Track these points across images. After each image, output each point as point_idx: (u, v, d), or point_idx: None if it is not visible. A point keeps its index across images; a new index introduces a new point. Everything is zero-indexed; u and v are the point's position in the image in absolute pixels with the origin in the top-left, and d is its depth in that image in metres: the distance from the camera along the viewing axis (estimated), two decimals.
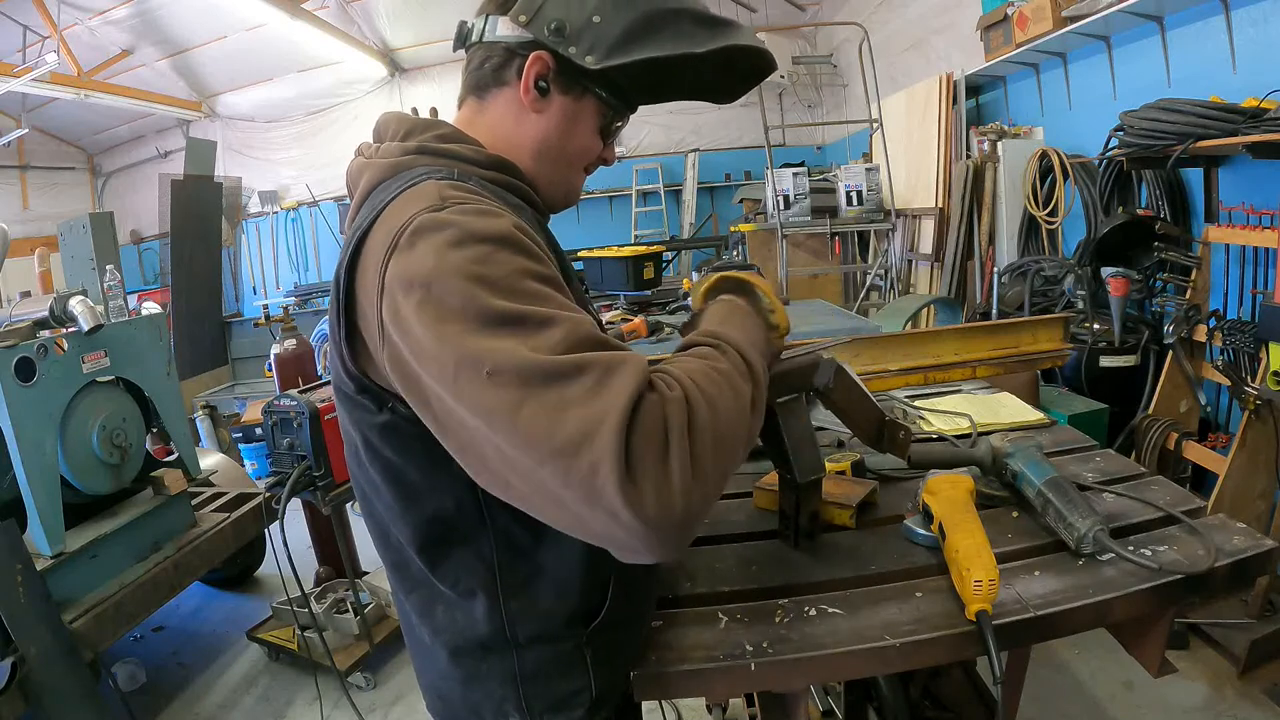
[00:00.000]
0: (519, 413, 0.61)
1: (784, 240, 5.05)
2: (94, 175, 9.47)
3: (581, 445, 0.59)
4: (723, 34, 0.86)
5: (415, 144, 0.85)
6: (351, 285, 0.75)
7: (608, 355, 0.64)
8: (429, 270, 0.66)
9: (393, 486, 0.82)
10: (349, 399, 0.81)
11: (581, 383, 0.61)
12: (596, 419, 0.59)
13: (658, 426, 0.61)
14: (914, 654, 0.91)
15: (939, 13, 5.35)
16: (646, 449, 0.60)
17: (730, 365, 0.73)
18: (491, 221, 0.71)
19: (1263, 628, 2.23)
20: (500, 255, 0.68)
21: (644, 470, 0.59)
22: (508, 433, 0.61)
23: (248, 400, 5.58)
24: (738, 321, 0.84)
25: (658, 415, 0.62)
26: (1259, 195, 2.71)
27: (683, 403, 0.64)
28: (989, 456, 1.22)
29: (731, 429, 0.67)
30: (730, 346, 0.76)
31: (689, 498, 0.61)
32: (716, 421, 0.65)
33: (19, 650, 1.95)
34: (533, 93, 0.86)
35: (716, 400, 0.67)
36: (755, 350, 0.79)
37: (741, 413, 0.70)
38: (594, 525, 0.61)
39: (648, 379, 0.64)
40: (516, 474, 0.63)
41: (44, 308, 2.32)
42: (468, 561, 0.83)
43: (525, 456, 0.61)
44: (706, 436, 0.64)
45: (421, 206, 0.72)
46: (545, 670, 0.87)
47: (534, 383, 0.61)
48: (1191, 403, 2.87)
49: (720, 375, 0.70)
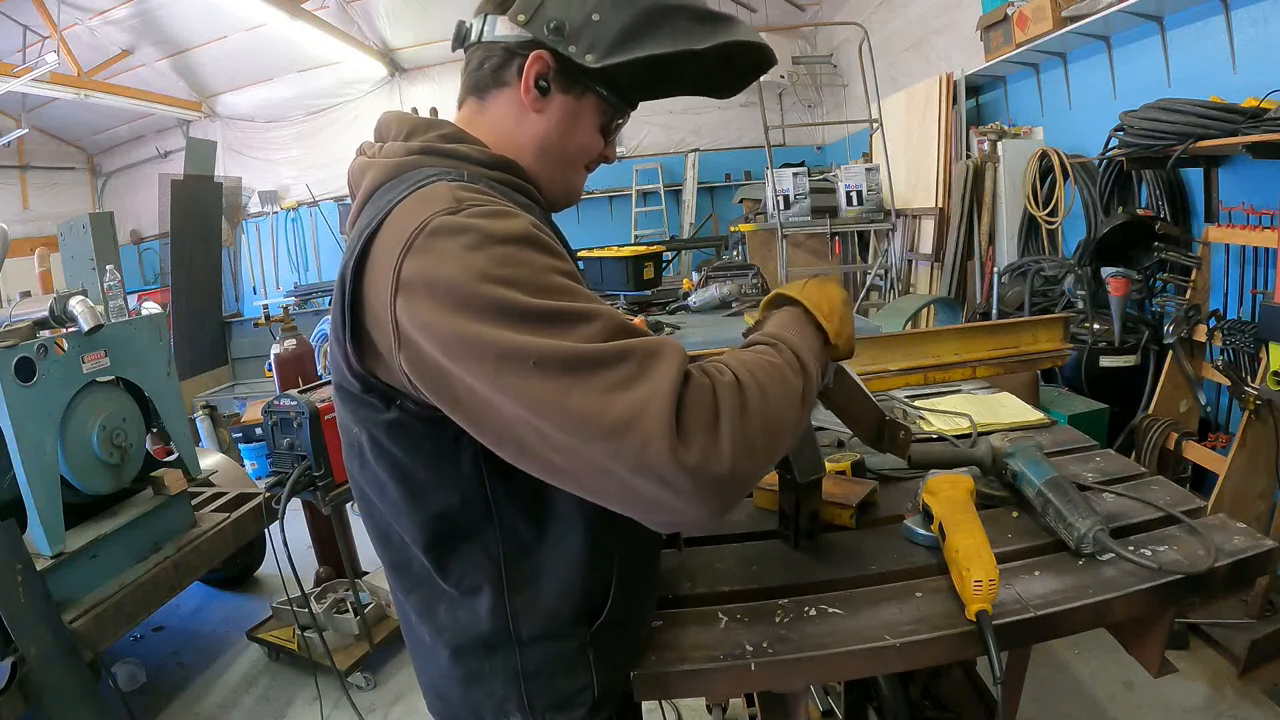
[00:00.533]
0: (567, 398, 0.63)
1: (784, 240, 5.05)
2: (94, 175, 9.47)
3: (632, 424, 0.61)
4: (722, 30, 0.86)
5: (419, 144, 0.85)
6: (359, 285, 0.74)
7: (648, 341, 0.67)
8: (453, 275, 0.67)
9: (400, 484, 0.82)
10: (354, 398, 0.81)
11: (626, 367, 0.64)
12: (645, 398, 0.62)
13: (708, 404, 0.65)
14: (914, 654, 0.91)
15: (939, 13, 5.34)
16: (696, 423, 0.63)
17: (783, 360, 0.76)
18: (510, 223, 0.71)
19: (1263, 628, 2.23)
20: (523, 255, 0.69)
21: (694, 438, 0.63)
22: (557, 418, 0.63)
23: (248, 400, 5.58)
24: (795, 327, 0.86)
25: (708, 396, 0.65)
26: (1259, 195, 2.71)
27: (734, 386, 0.67)
28: (989, 456, 1.22)
29: (779, 415, 0.70)
30: (785, 345, 0.79)
31: (736, 459, 0.64)
32: (767, 407, 0.68)
33: (19, 650, 1.95)
34: (533, 92, 0.86)
35: (768, 388, 0.70)
36: (809, 351, 0.82)
37: (791, 403, 0.73)
38: (642, 491, 0.64)
39: (687, 360, 0.67)
40: (563, 454, 0.65)
41: (44, 308, 2.32)
42: (474, 557, 0.84)
43: (574, 439, 0.63)
44: (756, 419, 0.66)
45: (437, 209, 0.71)
46: (548, 669, 0.87)
47: (581, 369, 0.63)
48: (1191, 403, 2.87)
49: (773, 367, 0.74)
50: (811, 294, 0.91)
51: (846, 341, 0.92)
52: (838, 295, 0.93)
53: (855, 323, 0.95)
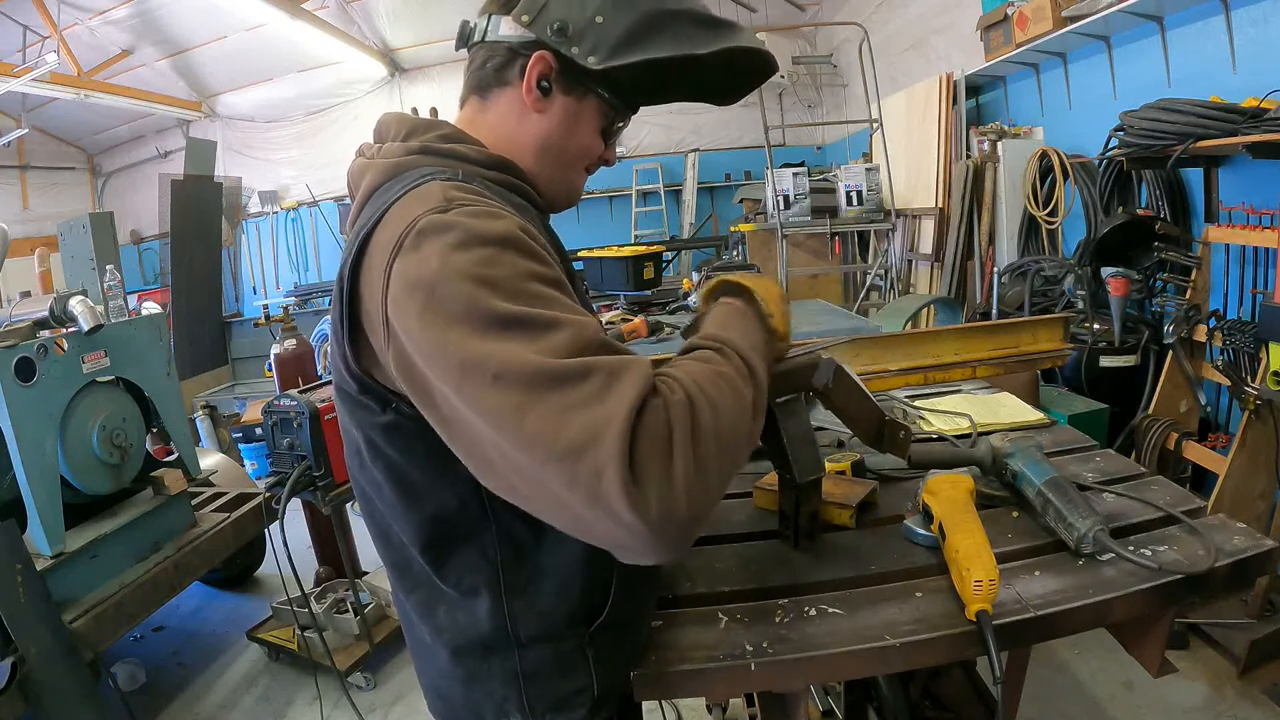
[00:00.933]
0: (524, 416, 0.61)
1: (784, 240, 5.05)
2: (94, 175, 9.47)
3: (586, 449, 0.59)
4: (724, 35, 0.86)
5: (418, 144, 0.85)
6: (355, 286, 0.75)
7: (612, 360, 0.64)
8: (433, 272, 0.66)
9: (396, 486, 0.82)
10: (351, 399, 0.81)
11: (586, 387, 0.61)
12: (601, 423, 0.59)
13: (661, 429, 0.61)
14: (914, 654, 0.91)
15: (939, 13, 5.35)
16: (650, 452, 0.60)
17: (732, 368, 0.73)
18: (495, 223, 0.71)
19: (1263, 628, 2.23)
20: (505, 257, 0.68)
21: (648, 473, 0.59)
22: (512, 436, 0.61)
23: (248, 400, 5.58)
24: (738, 325, 0.84)
25: (661, 418, 0.62)
26: (1259, 195, 2.71)
27: (686, 405, 0.64)
28: (989, 456, 1.22)
29: (734, 430, 0.67)
30: (731, 349, 0.76)
31: (692, 499, 0.61)
32: (719, 423, 0.65)
33: (19, 650, 1.95)
34: (535, 92, 0.87)
35: (718, 402, 0.67)
36: (756, 353, 0.79)
37: (743, 414, 0.70)
38: (597, 528, 0.62)
39: (651, 382, 0.64)
40: (520, 476, 0.63)
41: (44, 308, 2.32)
42: (471, 560, 0.84)
43: (529, 459, 0.61)
44: (709, 438, 0.64)
45: (426, 208, 0.72)
46: (547, 669, 0.87)
47: (538, 386, 0.61)
48: (1191, 403, 2.87)
49: (722, 378, 0.70)
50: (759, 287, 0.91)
51: (787, 333, 0.92)
52: (775, 288, 0.93)
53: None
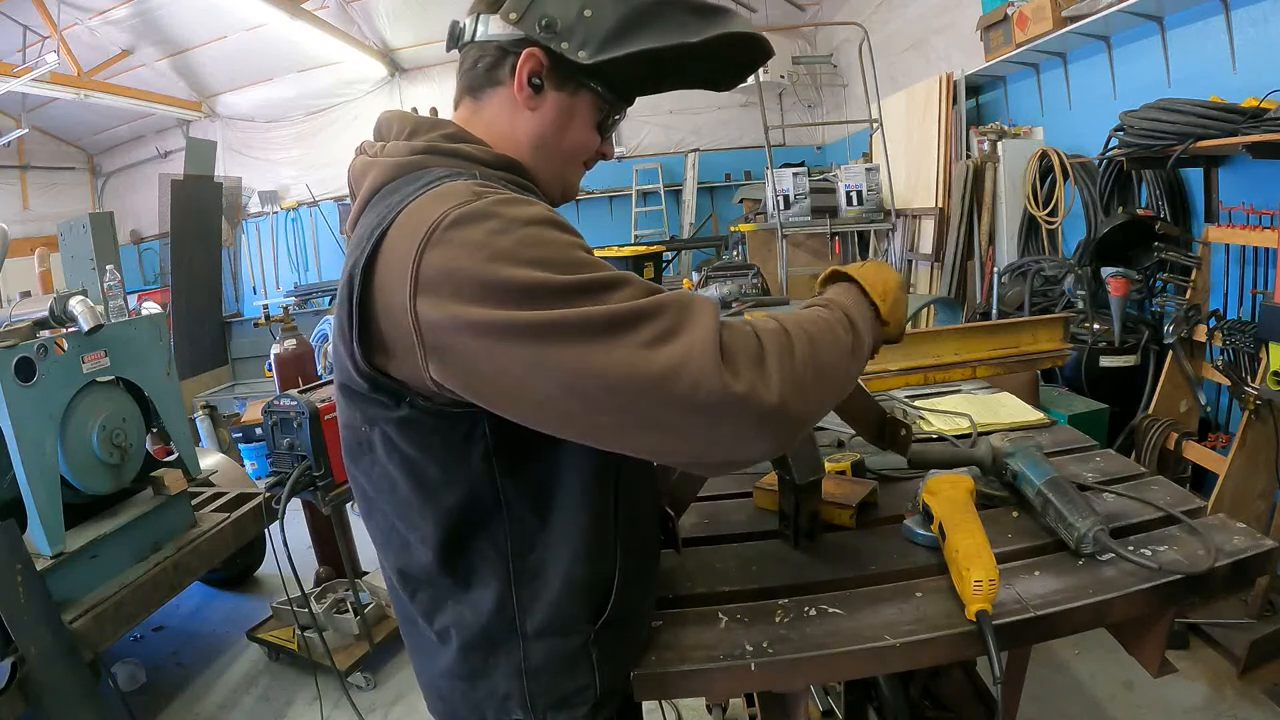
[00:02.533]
0: (610, 357, 0.64)
1: (784, 240, 5.04)
2: (94, 175, 9.46)
3: (680, 369, 0.64)
4: (716, 22, 0.85)
5: (423, 143, 0.85)
6: (368, 284, 0.73)
7: (680, 294, 0.69)
8: (483, 260, 0.67)
9: (412, 481, 0.82)
10: (362, 397, 0.80)
11: (663, 320, 0.66)
12: (687, 346, 0.64)
13: (751, 344, 0.67)
14: (914, 654, 0.92)
15: (939, 13, 5.34)
16: (742, 358, 0.65)
17: (833, 317, 0.79)
18: (528, 208, 0.73)
19: (1263, 628, 2.23)
20: (548, 235, 0.71)
21: (741, 367, 0.65)
22: (602, 379, 0.65)
23: (248, 400, 5.58)
24: (849, 297, 0.89)
25: (750, 337, 0.67)
26: (1259, 195, 2.71)
27: (779, 332, 0.70)
28: (989, 456, 1.22)
29: (829, 362, 0.73)
30: (838, 307, 0.82)
31: (785, 395, 0.66)
32: (814, 352, 0.71)
33: (19, 650, 1.95)
34: (526, 90, 0.86)
35: (816, 337, 0.73)
36: (861, 319, 0.84)
37: (840, 353, 0.76)
38: (696, 431, 0.66)
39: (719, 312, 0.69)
40: (611, 413, 0.67)
41: (44, 308, 2.32)
42: (482, 550, 0.84)
43: (621, 395, 0.65)
44: (802, 361, 0.69)
45: (455, 202, 0.72)
46: (552, 666, 0.87)
47: (618, 329, 0.65)
48: (1191, 403, 2.87)
49: (822, 320, 0.77)
50: (868, 274, 0.93)
51: (898, 323, 0.94)
52: (894, 278, 0.95)
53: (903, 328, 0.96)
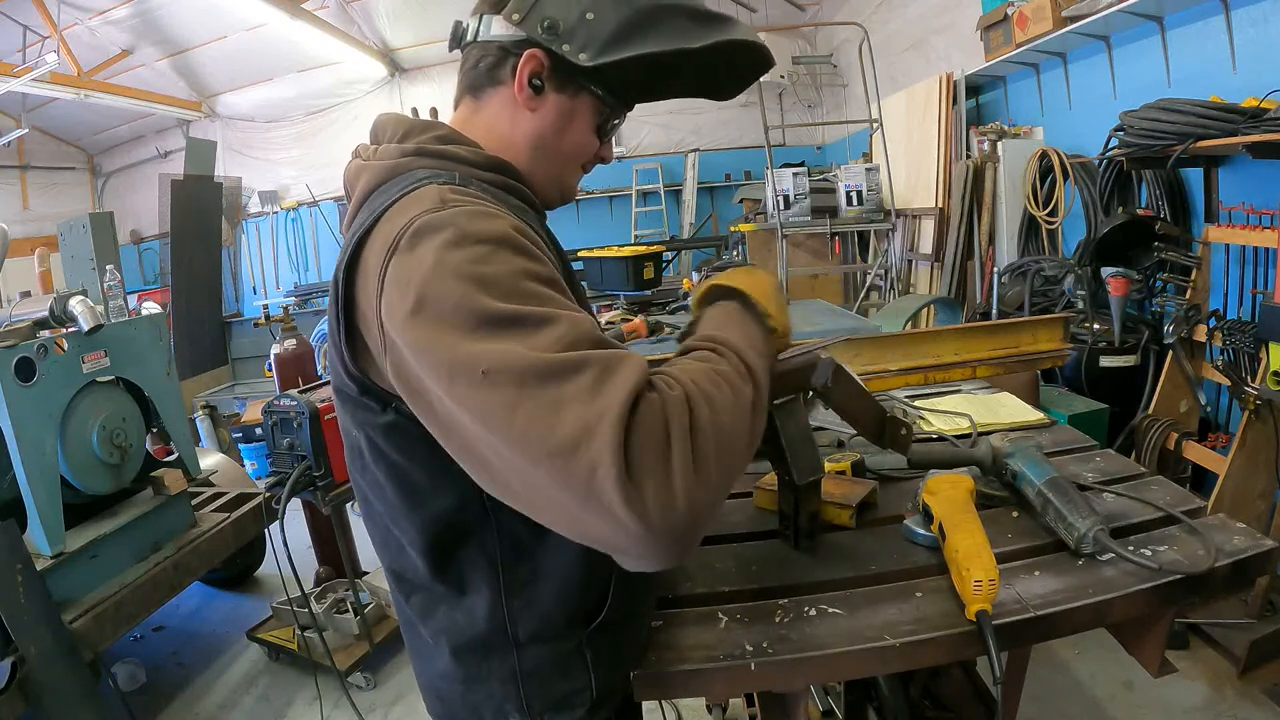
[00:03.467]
0: (515, 413, 0.60)
1: (784, 240, 5.05)
2: (94, 175, 9.46)
3: (579, 444, 0.57)
4: (718, 29, 0.85)
5: (413, 146, 0.85)
6: (350, 288, 0.75)
7: (607, 354, 0.63)
8: (426, 272, 0.66)
9: (398, 487, 0.82)
10: (351, 401, 0.81)
11: (579, 381, 0.60)
12: (595, 417, 0.58)
13: (658, 425, 0.59)
14: (914, 654, 0.91)
15: (939, 13, 5.34)
16: (646, 448, 0.58)
17: (729, 366, 0.71)
18: (490, 223, 0.71)
19: (1263, 628, 2.23)
20: (499, 255, 0.68)
21: (645, 470, 0.57)
22: (504, 433, 0.60)
23: (248, 400, 5.58)
24: (735, 325, 0.82)
25: (658, 414, 0.60)
26: (1259, 195, 2.71)
27: (683, 401, 0.62)
28: (989, 456, 1.22)
29: (733, 428, 0.66)
30: (728, 349, 0.74)
31: (692, 499, 0.59)
32: (718, 420, 0.63)
33: (19, 650, 1.95)
34: (527, 91, 0.86)
35: (716, 400, 0.65)
36: (754, 352, 0.77)
37: (742, 413, 0.68)
38: (593, 530, 0.60)
39: (647, 378, 0.63)
40: (516, 476, 0.63)
41: (44, 308, 2.32)
42: (472, 559, 0.84)
43: (522, 458, 0.60)
44: (708, 436, 0.62)
45: (422, 209, 0.72)
46: (546, 669, 0.87)
47: (530, 382, 0.60)
48: (1191, 403, 2.87)
49: (720, 376, 0.69)
50: (746, 283, 0.87)
51: (786, 328, 0.89)
52: (769, 281, 0.90)
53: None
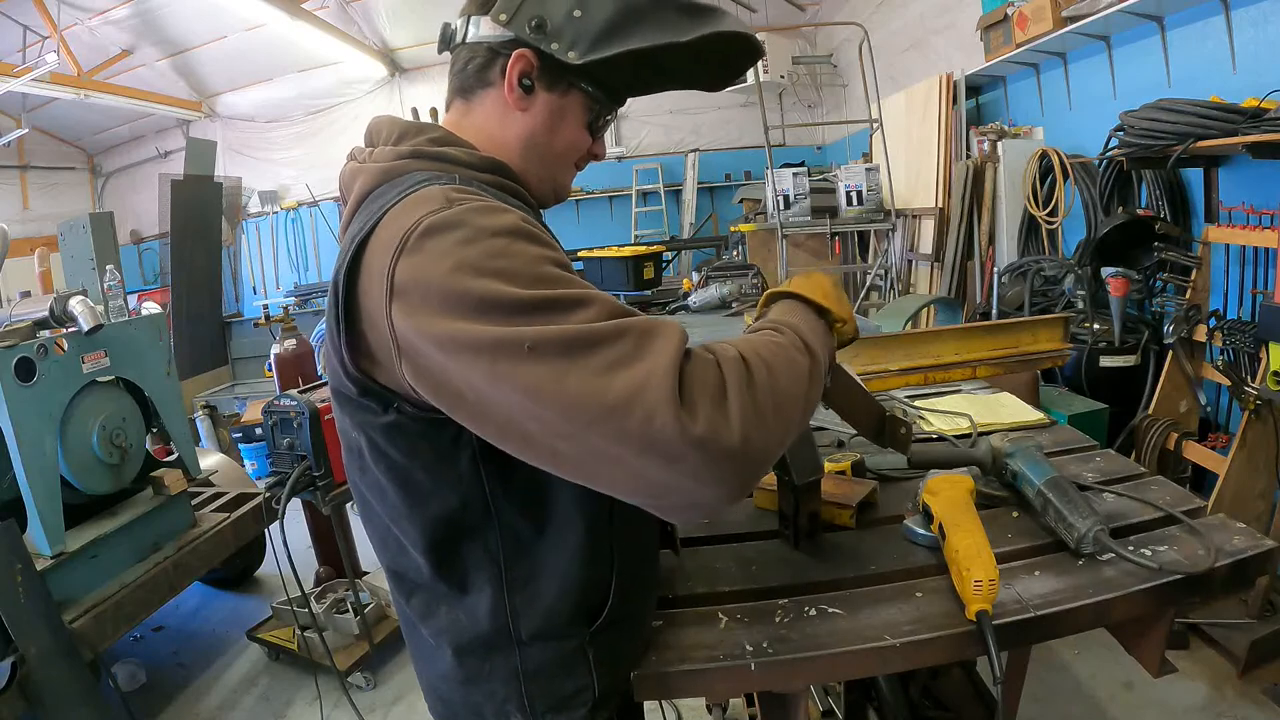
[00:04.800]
0: (565, 381, 0.62)
1: (784, 240, 5.05)
2: (94, 175, 9.46)
3: (633, 400, 0.60)
4: (706, 21, 0.85)
5: (408, 148, 0.85)
6: (352, 290, 0.74)
7: (645, 318, 0.67)
8: (445, 271, 0.67)
9: (399, 487, 0.82)
10: (351, 402, 0.81)
11: (623, 345, 0.63)
12: (645, 375, 0.61)
13: (712, 376, 0.64)
14: (914, 654, 0.92)
15: (939, 13, 5.34)
16: (701, 394, 0.62)
17: (788, 340, 0.76)
18: (501, 217, 0.72)
19: (1263, 628, 2.23)
20: (515, 247, 0.69)
21: (699, 408, 0.61)
22: (556, 402, 0.62)
23: (248, 400, 5.58)
24: (796, 314, 0.86)
25: (711, 368, 0.64)
26: (1259, 195, 2.71)
27: (739, 360, 0.67)
28: (989, 456, 1.22)
29: (789, 390, 0.70)
30: (787, 328, 0.79)
31: (746, 433, 0.62)
32: (774, 381, 0.68)
33: (19, 650, 1.95)
34: (516, 91, 0.86)
35: (774, 363, 0.70)
36: (813, 334, 0.82)
37: (799, 378, 0.73)
38: (653, 474, 0.62)
39: (686, 340, 0.66)
40: (566, 441, 0.64)
41: (44, 308, 2.31)
42: (474, 557, 0.84)
43: (575, 423, 0.62)
44: (764, 391, 0.66)
45: (429, 209, 0.72)
46: (548, 669, 0.87)
47: (576, 351, 0.63)
48: (1191, 403, 2.87)
49: (778, 346, 0.74)
50: (802, 285, 0.92)
51: (850, 321, 0.92)
52: (827, 279, 0.93)
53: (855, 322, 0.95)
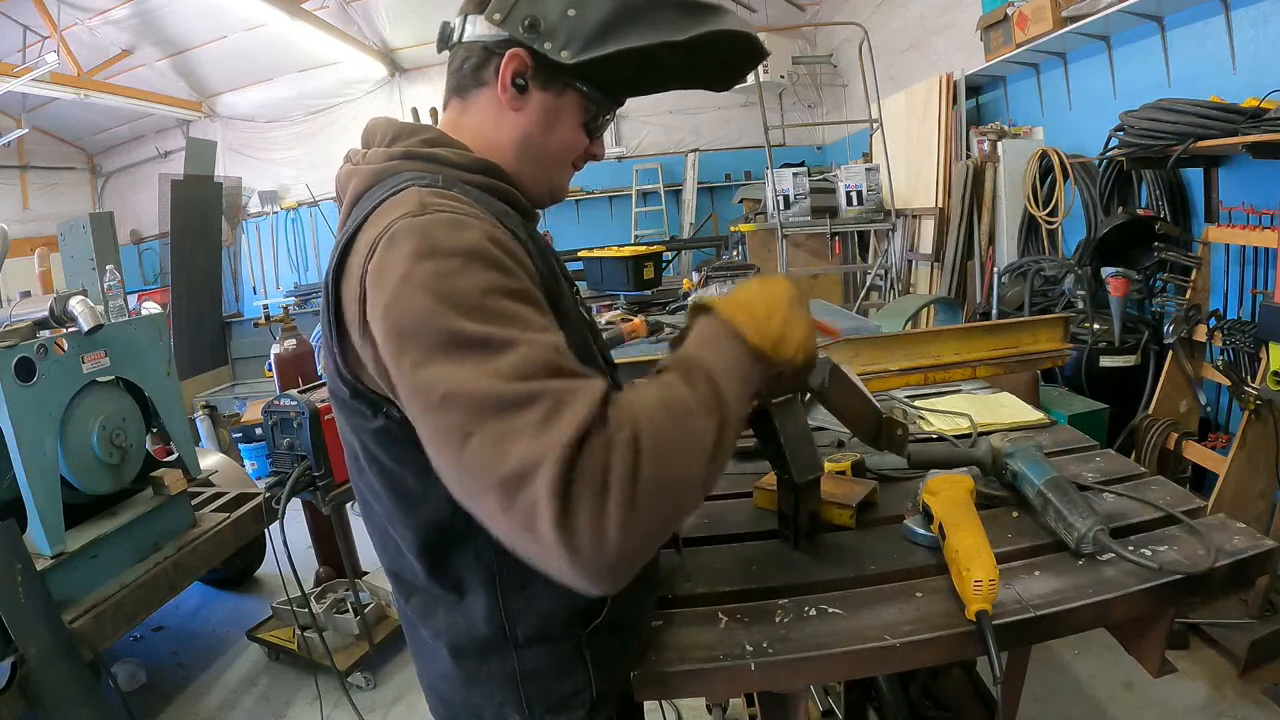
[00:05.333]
0: (468, 441, 0.61)
1: (784, 240, 5.05)
2: (94, 175, 9.45)
3: (522, 481, 0.59)
4: (705, 20, 0.83)
5: (400, 150, 0.85)
6: (338, 291, 0.76)
7: (561, 386, 0.62)
8: (397, 280, 0.67)
9: (390, 492, 0.82)
10: (345, 405, 0.81)
11: (529, 415, 0.61)
12: (538, 456, 0.59)
13: (599, 468, 0.59)
14: (914, 654, 0.91)
15: (939, 13, 5.34)
16: (584, 490, 0.59)
17: (696, 398, 0.68)
18: (462, 234, 0.70)
19: (1263, 628, 2.23)
20: (468, 270, 0.67)
21: (580, 511, 0.58)
22: (456, 458, 0.62)
23: (248, 400, 5.58)
24: (716, 344, 0.77)
25: (600, 456, 0.60)
26: (1259, 195, 2.71)
27: (630, 445, 0.61)
28: (989, 456, 1.22)
29: (682, 473, 0.64)
30: (700, 374, 0.71)
31: (625, 542, 0.59)
32: (662, 465, 0.62)
33: (19, 650, 1.95)
34: (510, 91, 0.86)
35: (669, 441, 0.64)
36: (731, 376, 0.73)
37: (695, 454, 0.66)
38: (531, 555, 0.62)
39: (600, 411, 0.62)
40: (460, 492, 0.65)
41: (44, 308, 2.32)
42: (468, 562, 0.84)
43: (469, 484, 0.63)
44: (650, 481, 0.61)
45: (400, 214, 0.72)
46: (545, 670, 0.87)
47: (483, 412, 0.61)
48: (1191, 403, 2.87)
49: (680, 414, 0.66)
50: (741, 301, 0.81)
51: (793, 348, 0.81)
52: (779, 291, 0.82)
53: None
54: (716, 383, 0.71)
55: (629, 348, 2.64)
